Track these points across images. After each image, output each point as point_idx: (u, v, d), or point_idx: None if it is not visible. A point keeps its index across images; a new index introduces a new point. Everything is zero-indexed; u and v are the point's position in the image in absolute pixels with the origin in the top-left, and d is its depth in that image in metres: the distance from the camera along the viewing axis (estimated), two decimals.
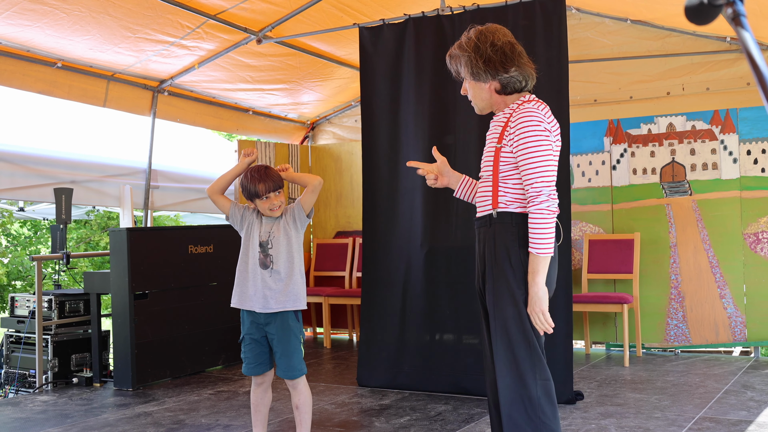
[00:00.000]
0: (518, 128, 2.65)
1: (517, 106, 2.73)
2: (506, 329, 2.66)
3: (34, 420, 4.73)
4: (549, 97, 4.87)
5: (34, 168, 6.17)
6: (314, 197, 3.65)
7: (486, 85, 2.75)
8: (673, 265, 6.34)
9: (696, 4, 1.06)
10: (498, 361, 2.69)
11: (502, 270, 2.68)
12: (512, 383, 2.64)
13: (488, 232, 2.75)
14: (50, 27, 5.45)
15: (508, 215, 2.70)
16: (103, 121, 7.54)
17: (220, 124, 7.83)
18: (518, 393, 2.63)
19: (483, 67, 2.72)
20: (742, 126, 6.16)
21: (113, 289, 5.61)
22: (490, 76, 2.73)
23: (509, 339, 2.65)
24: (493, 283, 2.71)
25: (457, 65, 2.81)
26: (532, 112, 2.67)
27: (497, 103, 2.79)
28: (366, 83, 5.52)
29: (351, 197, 7.97)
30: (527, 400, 2.62)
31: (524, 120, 2.65)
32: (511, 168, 2.69)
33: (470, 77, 2.77)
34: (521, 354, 2.64)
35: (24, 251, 13.83)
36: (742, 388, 5.02)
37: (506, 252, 2.68)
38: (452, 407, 4.75)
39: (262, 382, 3.73)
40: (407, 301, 5.30)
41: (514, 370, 2.64)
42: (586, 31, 6.67)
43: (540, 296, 2.61)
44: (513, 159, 2.68)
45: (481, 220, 2.80)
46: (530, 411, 2.62)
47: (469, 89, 2.82)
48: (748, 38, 1.01)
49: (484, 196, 2.79)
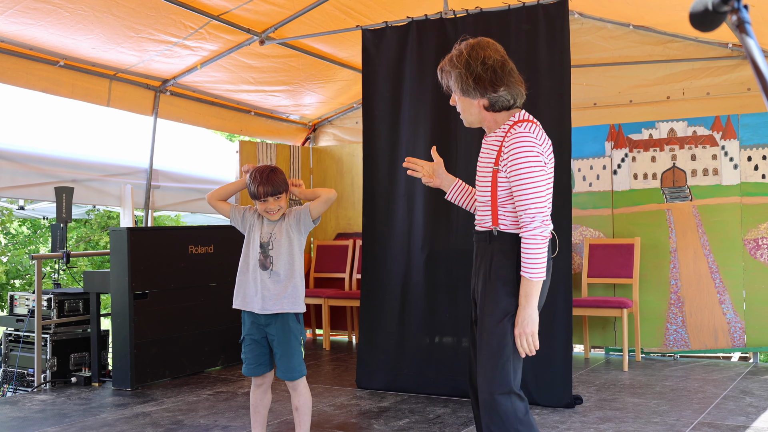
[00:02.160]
0: (511, 153, 2.64)
1: (509, 128, 2.71)
2: (490, 343, 2.69)
3: (33, 419, 4.73)
4: (551, 100, 4.88)
5: (35, 166, 6.17)
6: (325, 207, 3.66)
7: (475, 101, 2.75)
8: (673, 271, 6.34)
9: (701, 11, 1.07)
10: (479, 374, 2.73)
11: (495, 287, 2.71)
12: (488, 397, 2.68)
13: (487, 249, 2.77)
14: (53, 26, 5.46)
15: (508, 236, 2.71)
16: (105, 120, 7.54)
17: (221, 124, 7.83)
18: (493, 407, 2.67)
19: (473, 85, 2.71)
20: (743, 132, 6.17)
21: (113, 288, 5.61)
22: (479, 94, 2.72)
23: (492, 353, 2.68)
24: (485, 297, 2.75)
25: (448, 79, 2.80)
26: (525, 137, 2.64)
27: (487, 120, 2.79)
28: (368, 85, 5.52)
29: (352, 199, 7.97)
30: (503, 414, 2.67)
31: (517, 145, 2.63)
32: (507, 191, 2.70)
33: (460, 93, 2.77)
34: (501, 369, 2.67)
35: (23, 250, 13.83)
36: (741, 394, 5.02)
37: (502, 271, 2.71)
38: (451, 410, 4.75)
39: (261, 383, 3.74)
40: (407, 304, 5.30)
41: (491, 382, 2.68)
42: (587, 36, 6.68)
43: (532, 319, 2.63)
44: (509, 183, 2.69)
45: (480, 235, 2.81)
46: (508, 424, 2.66)
47: (459, 103, 2.82)
48: (752, 45, 1.02)
49: (484, 213, 2.80)
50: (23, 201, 8.42)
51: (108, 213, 13.26)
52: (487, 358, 2.70)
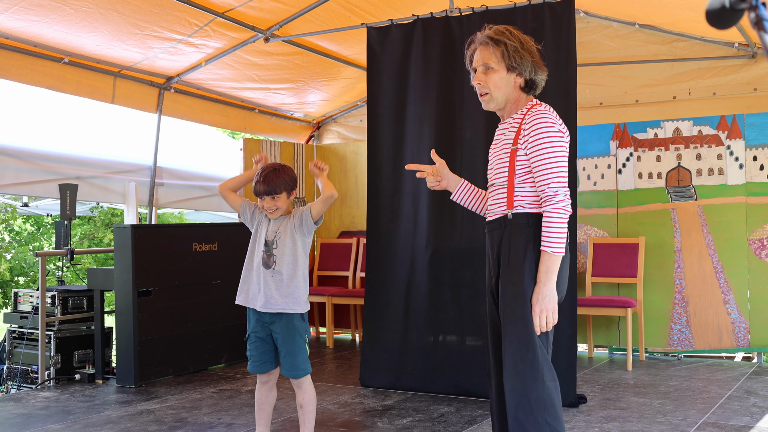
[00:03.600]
0: (533, 130, 2.66)
1: (527, 110, 2.73)
2: (516, 330, 2.65)
3: (36, 416, 4.73)
4: (557, 99, 4.87)
5: (39, 163, 6.17)
6: (324, 207, 3.64)
7: (514, 78, 2.76)
8: (678, 270, 6.33)
9: (718, 8, 1.06)
10: (506, 362, 2.68)
11: (516, 270, 2.68)
12: (519, 385, 2.63)
13: (503, 234, 2.74)
14: (58, 22, 5.45)
15: (524, 216, 2.70)
16: (109, 117, 7.54)
17: (226, 122, 7.82)
18: (524, 395, 2.62)
19: (529, 59, 2.74)
20: (749, 132, 6.15)
21: (117, 285, 5.61)
22: (526, 70, 2.74)
23: (519, 340, 2.64)
24: (507, 283, 2.70)
25: (490, 51, 2.74)
26: (546, 115, 2.69)
27: (513, 100, 2.80)
28: (372, 83, 5.51)
29: (356, 197, 7.97)
30: (534, 402, 2.62)
31: (539, 122, 2.67)
32: (526, 170, 2.69)
33: (504, 67, 2.73)
34: (529, 355, 2.63)
35: (27, 247, 13.84)
36: (746, 394, 5.01)
37: (521, 252, 2.68)
38: (455, 409, 4.74)
39: (267, 381, 3.73)
40: (411, 302, 5.29)
41: (522, 371, 2.64)
42: (593, 35, 6.67)
43: (552, 294, 2.61)
44: (528, 161, 2.68)
45: (493, 223, 2.79)
46: (536, 413, 2.61)
47: (496, 79, 2.75)
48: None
49: (498, 199, 2.78)
50: (27, 198, 8.42)
51: (112, 210, 13.27)
52: (516, 347, 2.65)
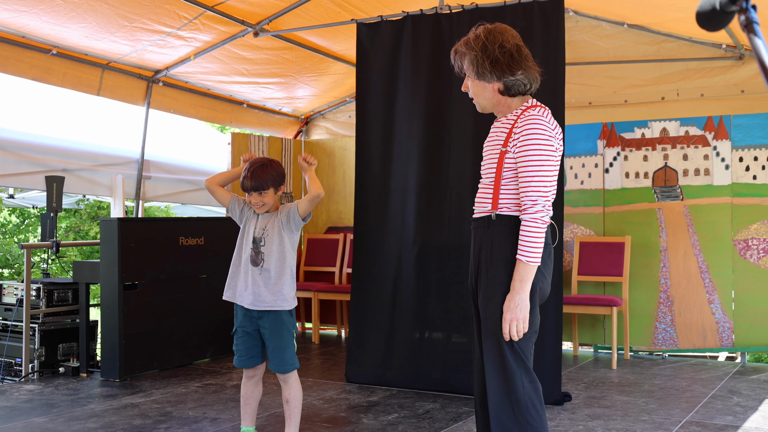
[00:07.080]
0: (522, 136, 2.62)
1: (521, 112, 2.70)
2: (496, 330, 2.65)
3: (20, 409, 4.70)
4: (545, 98, 4.84)
5: (25, 155, 6.13)
6: (310, 206, 3.64)
7: (490, 86, 2.72)
8: (663, 270, 6.37)
9: (708, 10, 1.06)
10: (487, 362, 2.68)
11: (496, 271, 2.67)
12: (501, 385, 2.64)
13: (485, 234, 2.73)
14: (46, 13, 5.41)
15: (507, 218, 2.68)
16: (97, 109, 7.50)
17: (214, 116, 7.80)
18: (506, 395, 2.63)
19: (489, 68, 2.68)
20: (735, 133, 6.19)
21: (102, 279, 5.58)
22: (495, 78, 2.69)
23: (498, 340, 2.65)
24: (486, 283, 2.70)
25: (461, 62, 2.77)
26: (538, 119, 2.64)
27: (500, 105, 2.76)
28: (362, 79, 5.50)
29: (343, 193, 7.96)
30: (515, 403, 2.62)
31: (530, 126, 2.62)
32: (513, 173, 2.67)
33: (474, 76, 2.73)
34: (509, 355, 2.63)
35: (12, 239, 13.75)
36: (729, 393, 5.05)
37: (502, 254, 2.67)
38: (440, 405, 4.75)
39: (253, 375, 3.73)
40: (397, 298, 5.30)
41: (503, 371, 2.64)
42: (582, 34, 6.68)
43: (525, 304, 2.59)
44: (515, 165, 2.67)
45: (478, 221, 2.79)
46: (518, 413, 2.62)
47: (472, 87, 2.78)
48: (760, 45, 1.01)
49: (484, 197, 2.77)
50: (13, 189, 8.36)
51: (98, 203, 13.20)
52: (496, 346, 2.66)
